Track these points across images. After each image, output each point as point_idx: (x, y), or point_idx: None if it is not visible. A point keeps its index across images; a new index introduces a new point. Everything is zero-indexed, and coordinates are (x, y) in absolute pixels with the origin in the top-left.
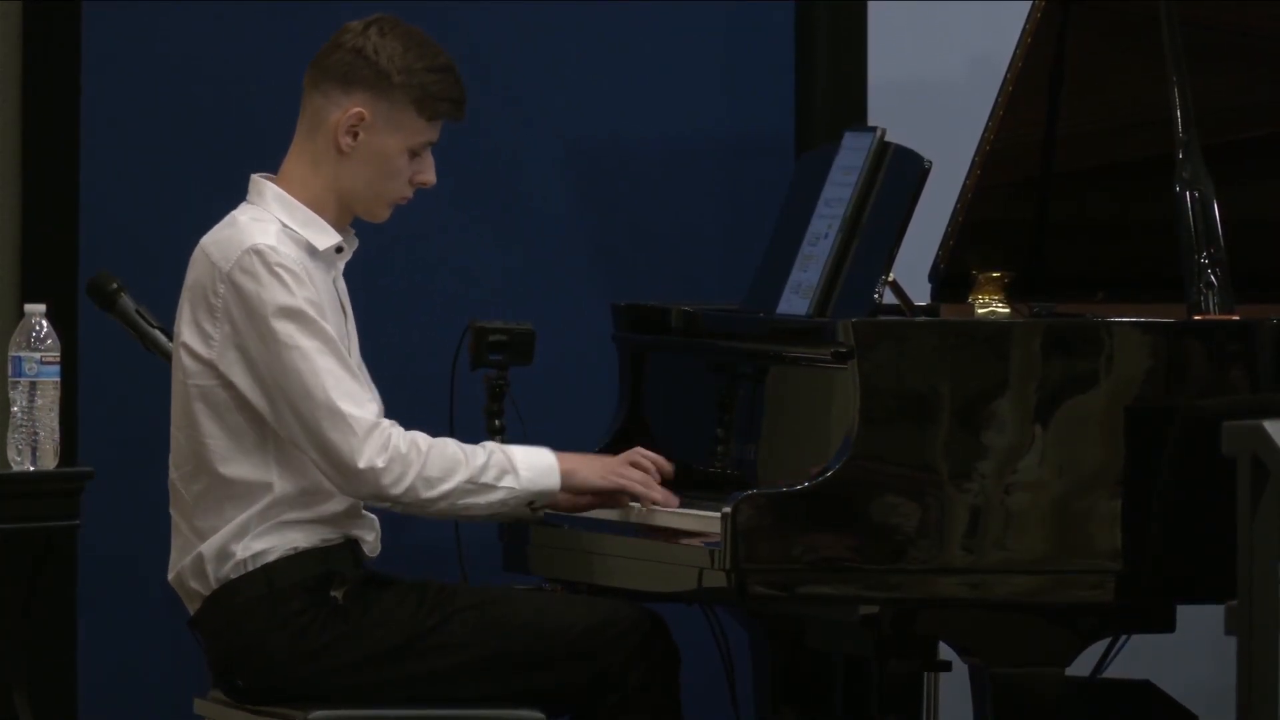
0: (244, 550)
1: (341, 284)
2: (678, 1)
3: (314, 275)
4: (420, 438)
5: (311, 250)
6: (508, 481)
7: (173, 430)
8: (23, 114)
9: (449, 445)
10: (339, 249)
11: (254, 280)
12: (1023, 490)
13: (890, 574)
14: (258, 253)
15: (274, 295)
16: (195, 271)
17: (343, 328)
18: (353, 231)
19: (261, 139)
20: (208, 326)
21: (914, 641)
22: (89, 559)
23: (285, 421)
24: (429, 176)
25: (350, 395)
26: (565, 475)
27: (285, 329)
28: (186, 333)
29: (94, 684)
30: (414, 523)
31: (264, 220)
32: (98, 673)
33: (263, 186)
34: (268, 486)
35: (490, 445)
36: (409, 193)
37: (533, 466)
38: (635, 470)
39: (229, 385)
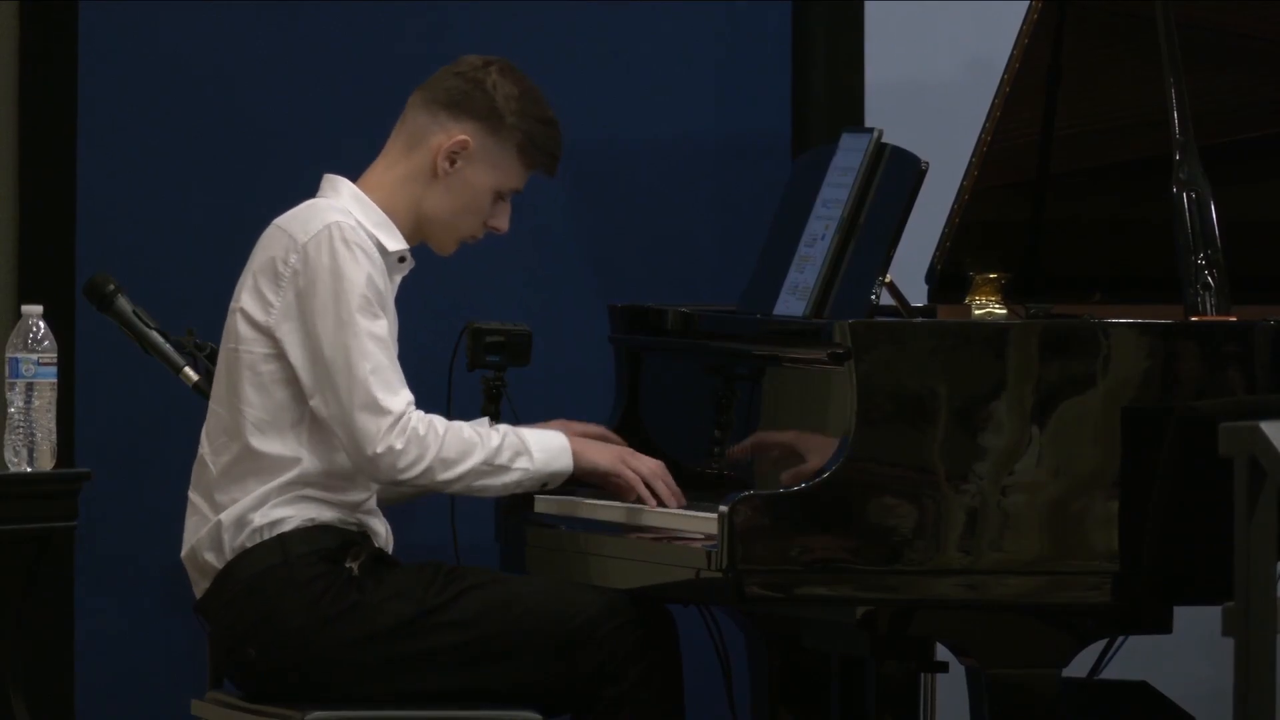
0: (262, 518)
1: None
2: (674, 3)
3: (381, 263)
4: (437, 420)
5: (381, 249)
6: (522, 463)
7: (211, 404)
8: (20, 115)
9: (464, 428)
10: (401, 258)
11: (330, 254)
12: (1019, 491)
13: (887, 575)
14: (338, 227)
15: (346, 269)
16: (267, 245)
17: (393, 330)
18: (411, 254)
19: (259, 140)
20: (270, 295)
21: (911, 642)
22: (86, 560)
23: (321, 393)
24: (503, 223)
25: (388, 384)
26: (576, 456)
27: (348, 304)
28: (246, 300)
29: (91, 685)
30: (413, 522)
31: (342, 210)
32: (95, 674)
33: (339, 184)
34: (295, 461)
35: (503, 427)
36: (480, 234)
37: (546, 448)
38: (643, 465)
39: (280, 355)
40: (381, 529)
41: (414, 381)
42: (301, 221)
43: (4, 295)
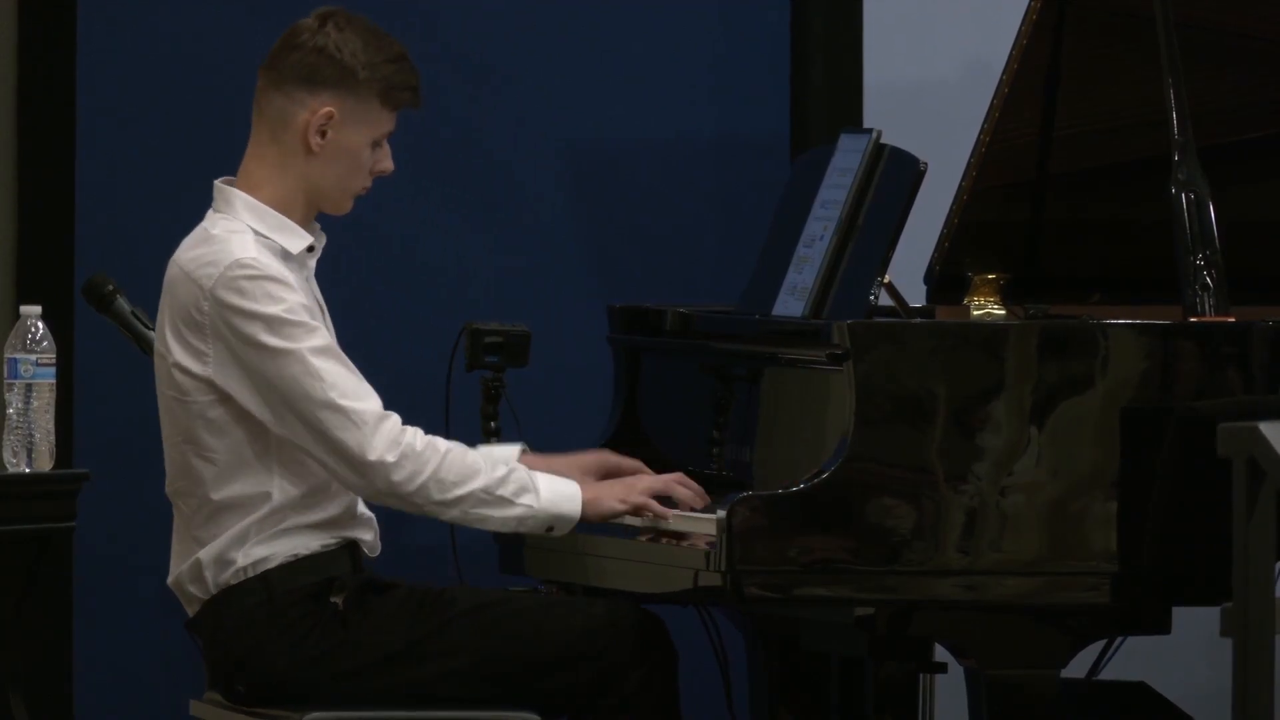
0: (244, 558)
1: (314, 282)
2: (673, 3)
3: (292, 279)
4: (440, 441)
5: (285, 255)
6: (527, 499)
7: (166, 448)
8: (18, 115)
9: (470, 453)
10: (310, 248)
11: (240, 295)
12: (1018, 492)
13: (886, 575)
14: (241, 266)
15: (263, 307)
16: (174, 290)
17: (324, 325)
18: (319, 227)
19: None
20: (198, 344)
21: (909, 643)
22: (85, 561)
23: (290, 427)
24: (388, 165)
25: (350, 392)
26: (587, 504)
27: (277, 338)
28: (178, 352)
29: (90, 686)
30: (411, 524)
31: (239, 231)
32: (93, 675)
33: (230, 195)
34: (267, 496)
35: (514, 464)
36: (370, 183)
37: (555, 490)
38: (657, 485)
39: (227, 399)
40: (369, 534)
41: (412, 382)
42: (202, 264)
43: (2, 296)
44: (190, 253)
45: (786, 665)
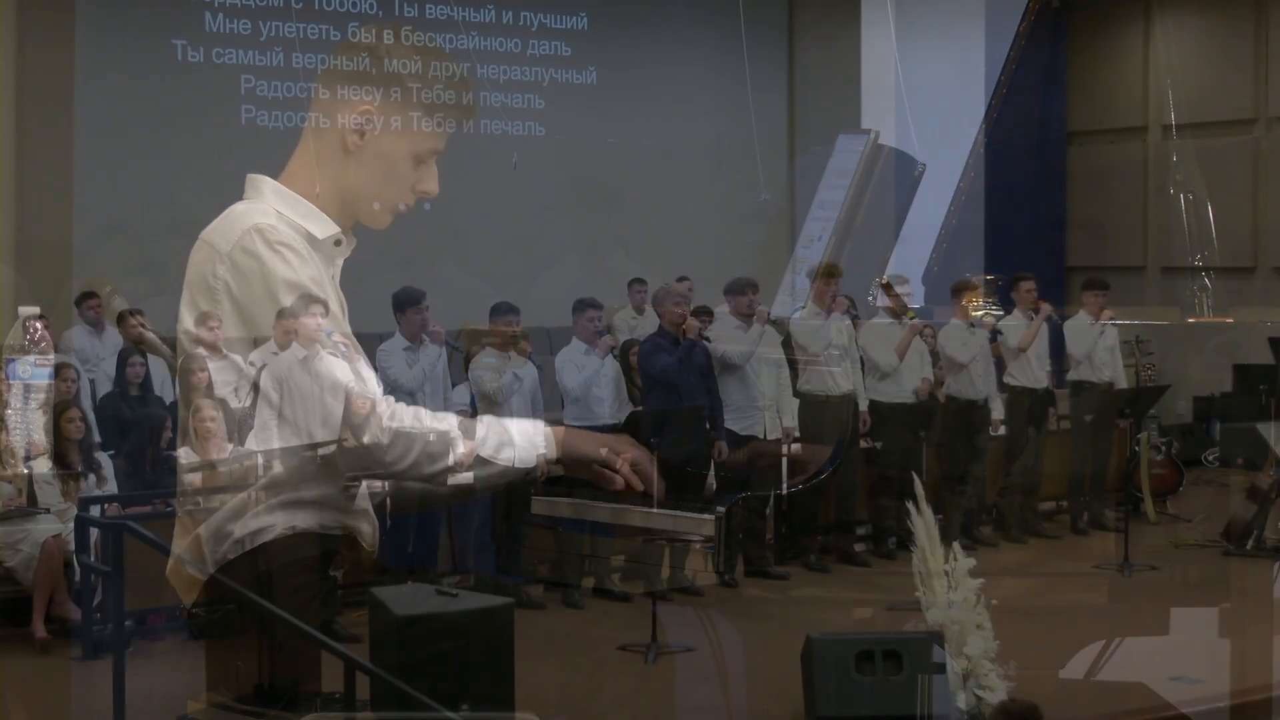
0: (241, 529)
1: (337, 282)
2: (673, 4)
3: (307, 252)
4: (423, 413)
5: (310, 239)
6: (505, 455)
7: (180, 422)
8: (18, 116)
9: (450, 419)
10: (337, 242)
11: (255, 258)
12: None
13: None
14: (258, 231)
15: (277, 270)
16: (195, 260)
17: (341, 315)
18: (350, 232)
19: (259, 142)
20: (208, 310)
21: None
22: (84, 561)
23: (289, 400)
24: (431, 186)
25: (349, 374)
26: (561, 445)
27: (286, 304)
28: (188, 318)
29: (88, 686)
30: (409, 522)
31: (261, 209)
32: (92, 675)
33: (259, 182)
34: (267, 466)
35: (487, 419)
36: (410, 200)
37: (527, 435)
38: (630, 452)
39: (233, 366)
40: (368, 528)
41: (411, 382)
42: (222, 232)
43: (1, 297)
44: (211, 226)
45: None
